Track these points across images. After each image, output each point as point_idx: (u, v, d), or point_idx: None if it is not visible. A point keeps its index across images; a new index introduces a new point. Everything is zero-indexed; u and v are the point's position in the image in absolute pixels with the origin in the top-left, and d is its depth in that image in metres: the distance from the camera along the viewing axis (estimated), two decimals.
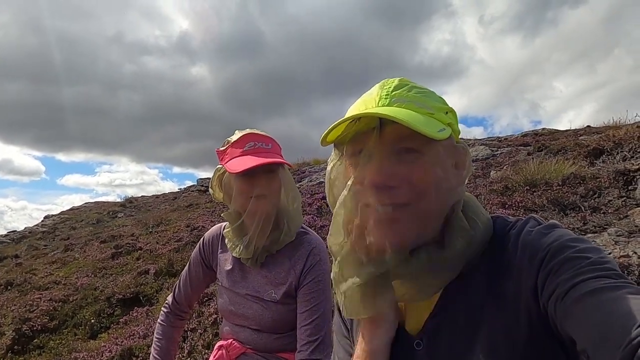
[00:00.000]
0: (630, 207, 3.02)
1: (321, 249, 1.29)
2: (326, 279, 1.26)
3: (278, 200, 1.25)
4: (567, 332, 0.50)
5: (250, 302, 1.28)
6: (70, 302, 5.39)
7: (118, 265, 6.99)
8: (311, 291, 1.22)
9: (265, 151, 1.22)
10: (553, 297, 0.52)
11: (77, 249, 9.12)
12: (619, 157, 3.76)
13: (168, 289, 5.05)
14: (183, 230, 8.33)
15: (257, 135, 1.24)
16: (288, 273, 1.26)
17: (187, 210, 11.26)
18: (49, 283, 6.51)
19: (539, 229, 0.61)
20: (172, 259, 6.05)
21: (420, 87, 0.65)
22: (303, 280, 1.24)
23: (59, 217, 14.18)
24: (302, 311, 1.22)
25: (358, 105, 0.66)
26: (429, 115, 0.61)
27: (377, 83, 0.68)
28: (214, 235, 1.42)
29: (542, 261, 0.56)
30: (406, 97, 0.62)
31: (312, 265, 1.25)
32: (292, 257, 1.28)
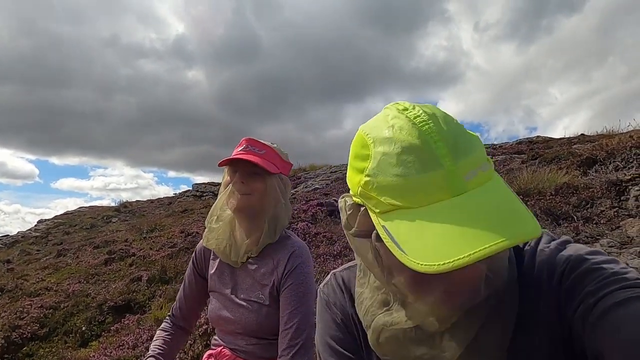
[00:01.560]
0: (622, 218, 3.03)
1: (303, 252, 1.31)
2: (308, 282, 1.27)
3: (258, 201, 1.28)
4: (595, 347, 0.48)
5: (236, 305, 1.29)
6: (61, 309, 5.33)
7: (111, 271, 6.93)
8: (292, 294, 1.23)
9: (255, 154, 1.27)
10: (579, 312, 0.50)
11: (70, 255, 9.04)
12: (611, 166, 3.78)
13: (160, 296, 5.01)
14: (177, 236, 8.29)
15: (253, 141, 1.31)
16: (271, 274, 1.28)
17: (182, 215, 11.21)
18: (41, 289, 6.45)
19: (555, 245, 0.59)
20: (165, 266, 6.00)
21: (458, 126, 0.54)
22: (284, 282, 1.25)
23: (52, 221, 14.07)
24: (283, 314, 1.22)
25: (412, 186, 0.49)
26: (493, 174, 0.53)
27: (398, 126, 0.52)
28: (205, 246, 1.43)
29: (561, 276, 0.54)
30: (468, 161, 0.49)
31: (294, 267, 1.26)
32: (274, 258, 1.30)
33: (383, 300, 0.65)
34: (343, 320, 0.75)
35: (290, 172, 1.37)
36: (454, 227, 0.45)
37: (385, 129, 0.53)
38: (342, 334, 0.75)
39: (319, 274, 3.71)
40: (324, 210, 6.55)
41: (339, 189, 8.46)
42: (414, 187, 0.48)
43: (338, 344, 0.74)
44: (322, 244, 4.78)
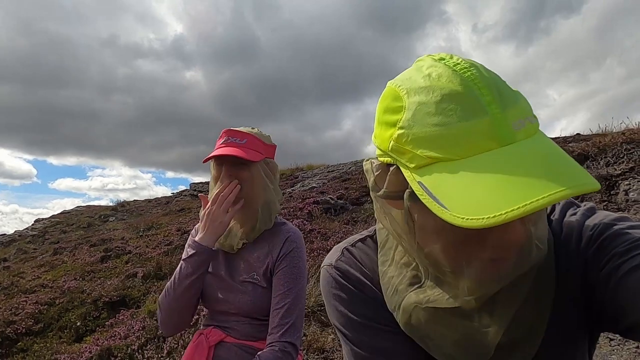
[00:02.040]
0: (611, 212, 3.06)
1: (298, 237, 1.36)
2: (301, 266, 1.31)
3: (248, 190, 1.31)
4: (617, 305, 0.48)
5: (231, 286, 1.31)
6: (56, 305, 5.34)
7: (107, 268, 6.94)
8: (285, 276, 1.27)
9: (237, 145, 1.29)
10: (605, 271, 0.50)
11: (66, 253, 9.04)
12: (602, 162, 3.81)
13: (155, 292, 5.02)
14: (174, 234, 8.31)
15: (233, 131, 1.33)
16: (265, 257, 1.31)
17: (179, 214, 11.22)
18: (36, 286, 6.45)
19: (582, 212, 0.59)
20: (160, 263, 6.02)
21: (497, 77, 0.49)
22: (279, 265, 1.29)
23: (49, 220, 14.07)
24: (275, 295, 1.26)
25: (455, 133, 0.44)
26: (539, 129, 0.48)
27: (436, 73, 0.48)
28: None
29: (590, 238, 0.54)
30: (516, 110, 0.45)
31: (288, 251, 1.30)
32: (270, 242, 1.33)
33: (413, 277, 0.59)
34: (369, 295, 0.66)
35: (275, 153, 1.39)
36: (504, 176, 0.40)
37: (421, 78, 0.48)
38: (368, 308, 0.65)
39: (312, 268, 3.73)
40: (319, 208, 6.58)
41: (336, 187, 8.49)
42: (457, 136, 0.43)
43: (366, 317, 0.65)
44: (316, 240, 4.80)
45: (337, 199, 6.74)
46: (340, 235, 4.61)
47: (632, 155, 3.56)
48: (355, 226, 5.54)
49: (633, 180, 3.23)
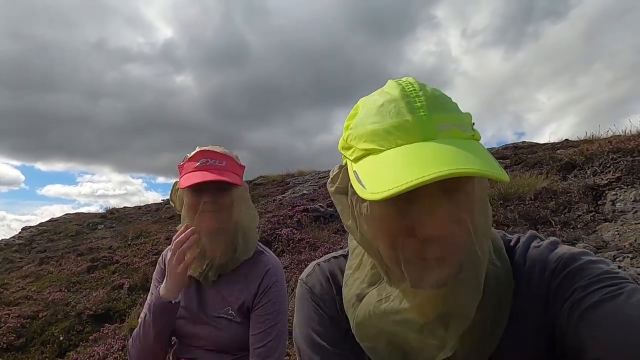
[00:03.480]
0: (598, 222, 3.04)
1: (278, 269, 1.28)
2: (282, 301, 1.24)
3: (229, 217, 1.23)
4: (578, 339, 0.49)
5: (206, 322, 1.25)
6: (39, 318, 5.22)
7: (93, 279, 6.82)
8: (266, 313, 1.20)
9: (217, 168, 1.21)
10: (567, 305, 0.51)
11: (52, 263, 8.88)
12: (589, 171, 3.80)
13: (141, 304, 4.93)
14: (162, 243, 8.19)
15: (211, 153, 1.23)
16: (242, 292, 1.24)
17: (169, 222, 11.09)
18: (20, 298, 6.31)
19: (546, 245, 0.60)
20: (147, 273, 5.92)
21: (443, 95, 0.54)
22: (259, 301, 1.22)
23: (36, 228, 13.85)
24: (256, 333, 1.19)
25: (386, 129, 0.51)
26: (471, 139, 0.51)
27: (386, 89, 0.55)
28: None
29: (553, 271, 0.55)
30: (453, 120, 0.51)
31: (268, 286, 1.23)
32: (248, 275, 1.26)
33: (373, 275, 0.63)
34: (328, 313, 0.70)
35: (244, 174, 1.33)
36: (414, 160, 0.45)
37: (377, 93, 0.57)
38: (325, 328, 0.69)
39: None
40: (309, 216, 6.52)
41: (326, 194, 8.43)
42: (386, 131, 0.50)
43: (321, 337, 0.68)
44: (304, 250, 4.75)
45: (327, 207, 6.68)
46: (329, 245, 4.55)
47: (618, 164, 3.56)
48: (344, 235, 5.50)
49: (620, 191, 3.22)
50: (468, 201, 0.52)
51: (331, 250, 4.60)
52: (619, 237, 2.79)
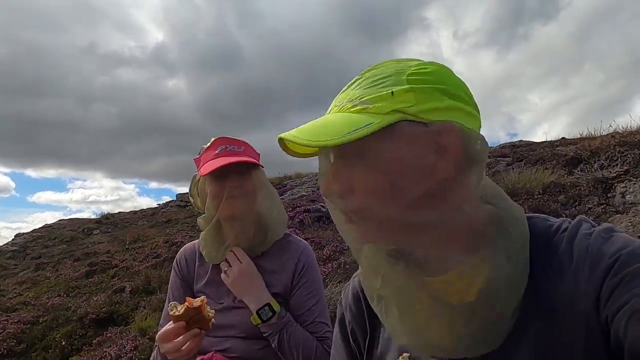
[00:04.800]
0: (610, 214, 3.04)
1: (309, 249, 1.30)
2: (319, 278, 1.27)
3: (254, 201, 1.23)
4: (635, 349, 0.44)
5: (235, 310, 1.21)
6: (39, 323, 5.12)
7: (92, 283, 6.72)
8: (308, 292, 1.21)
9: (237, 153, 1.20)
10: (624, 311, 0.47)
11: (49, 268, 8.75)
12: (596, 165, 3.81)
13: (145, 307, 4.85)
14: (161, 246, 8.10)
15: (229, 139, 1.24)
16: (277, 274, 1.22)
17: (166, 226, 10.99)
18: (18, 304, 6.21)
19: (598, 233, 0.53)
20: (149, 276, 5.84)
21: (381, 71, 0.56)
22: (297, 282, 1.22)
23: (30, 235, 13.66)
24: (300, 312, 1.20)
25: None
26: (361, 112, 0.53)
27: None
28: (189, 251, 1.35)
29: (609, 269, 0.49)
30: (350, 96, 0.56)
31: (305, 266, 1.24)
32: (281, 257, 1.25)
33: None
34: (351, 312, 0.74)
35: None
36: (301, 128, 0.56)
37: None
38: (345, 330, 0.75)
39: None
40: (311, 217, 6.49)
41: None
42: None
43: (341, 339, 0.76)
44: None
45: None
46: (335, 244, 4.52)
47: (625, 157, 3.58)
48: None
49: (629, 183, 3.23)
50: (360, 161, 0.55)
51: (338, 250, 4.56)
52: (633, 228, 2.80)
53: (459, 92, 0.55)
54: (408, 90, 0.52)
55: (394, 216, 0.53)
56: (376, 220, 0.54)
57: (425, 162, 0.52)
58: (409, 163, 0.52)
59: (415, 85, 0.52)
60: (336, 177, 0.56)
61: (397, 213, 0.53)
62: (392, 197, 0.52)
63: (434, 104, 0.52)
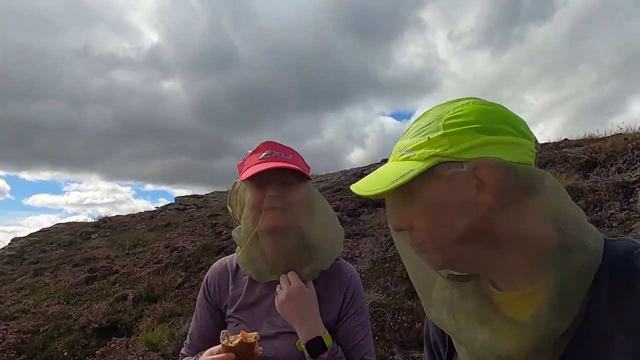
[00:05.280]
0: (634, 220, 2.96)
1: (357, 276, 1.19)
2: (366, 309, 1.18)
3: (298, 216, 1.09)
4: None
5: (275, 340, 1.09)
6: (40, 333, 5.00)
7: (93, 290, 6.59)
8: (357, 324, 1.11)
9: (284, 160, 1.07)
10: None
11: (47, 274, 8.60)
12: (614, 169, 3.73)
13: (149, 315, 4.73)
14: (162, 251, 7.98)
15: (276, 145, 1.12)
16: (327, 304, 1.10)
17: (165, 229, 10.85)
18: (17, 312, 6.07)
19: None
20: (151, 283, 5.72)
21: (425, 120, 0.63)
22: (345, 314, 1.11)
23: (27, 239, 13.48)
24: (349, 347, 1.09)
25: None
26: (406, 160, 0.62)
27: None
28: (220, 270, 1.23)
29: None
30: (400, 146, 0.65)
31: (354, 295, 1.13)
32: (329, 285, 1.13)
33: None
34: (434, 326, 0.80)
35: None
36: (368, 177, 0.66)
37: None
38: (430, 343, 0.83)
39: None
40: None
41: (329, 199, 8.31)
42: None
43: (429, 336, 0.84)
44: None
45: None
46: (345, 250, 4.42)
47: None
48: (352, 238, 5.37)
49: None
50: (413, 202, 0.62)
51: (349, 257, 4.47)
52: None
53: (496, 126, 0.58)
54: (442, 136, 0.58)
55: (449, 247, 0.59)
56: (436, 251, 0.61)
57: (466, 197, 0.57)
58: (452, 200, 0.58)
59: (449, 129, 0.58)
60: (398, 216, 0.64)
61: (451, 244, 0.59)
62: (442, 230, 0.59)
63: (467, 144, 0.57)
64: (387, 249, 4.24)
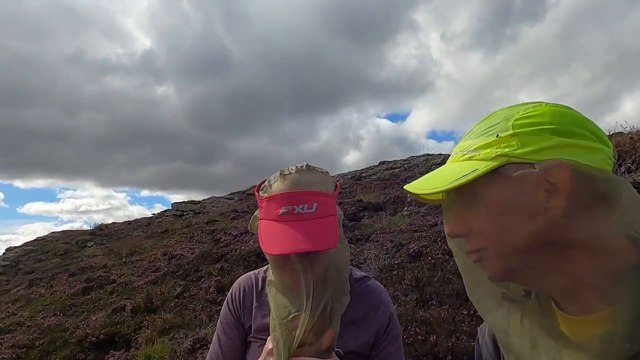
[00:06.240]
0: None
1: (388, 297, 1.12)
2: (400, 331, 1.11)
3: (320, 272, 0.95)
4: None
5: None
6: (36, 347, 4.85)
7: (89, 301, 6.44)
8: (394, 349, 1.06)
9: (307, 218, 0.92)
10: None
11: (43, 284, 8.44)
12: (623, 169, 3.66)
13: (148, 327, 4.60)
14: (160, 259, 7.84)
15: (298, 196, 0.94)
16: (360, 328, 1.04)
17: (163, 236, 10.71)
18: (12, 325, 5.91)
19: None
20: (150, 293, 5.59)
21: (491, 120, 0.60)
22: (383, 339, 1.05)
23: (22, 248, 13.29)
24: None
25: None
26: (469, 159, 0.59)
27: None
28: (245, 285, 1.12)
29: None
30: (462, 147, 0.62)
31: (390, 321, 1.07)
32: (361, 308, 1.05)
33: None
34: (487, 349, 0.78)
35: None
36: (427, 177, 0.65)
37: None
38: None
39: None
40: None
41: None
42: None
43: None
44: None
45: None
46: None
47: None
48: (357, 245, 5.27)
49: None
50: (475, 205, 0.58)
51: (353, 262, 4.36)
52: None
53: (572, 129, 0.54)
54: (512, 135, 0.55)
55: (513, 254, 0.55)
56: (498, 259, 0.57)
57: (535, 201, 0.53)
58: (519, 203, 0.54)
59: (520, 129, 0.55)
60: (455, 220, 0.61)
61: (514, 252, 0.55)
62: (506, 235, 0.55)
63: (540, 145, 0.54)
64: (394, 256, 4.14)
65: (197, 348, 3.19)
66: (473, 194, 0.57)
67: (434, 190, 0.57)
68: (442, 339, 2.48)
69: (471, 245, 0.60)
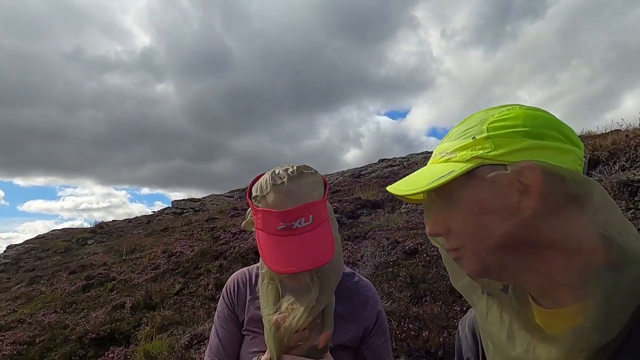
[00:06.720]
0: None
1: (376, 291, 1.15)
2: (387, 325, 1.14)
3: (325, 272, 0.99)
4: None
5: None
6: (36, 344, 4.90)
7: (90, 298, 6.49)
8: (381, 342, 1.09)
9: (305, 230, 0.94)
10: None
11: (43, 282, 8.50)
12: (617, 166, 3.68)
13: (147, 324, 4.64)
14: (160, 256, 7.89)
15: (294, 212, 0.93)
16: (350, 323, 1.06)
17: (163, 234, 10.76)
18: (13, 322, 5.96)
19: None
20: (150, 290, 5.63)
21: (468, 123, 0.63)
22: (367, 334, 1.08)
23: (22, 246, 13.34)
24: None
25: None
26: (446, 161, 0.61)
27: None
28: (240, 280, 1.15)
29: None
30: (440, 149, 0.65)
31: (379, 316, 1.10)
32: (350, 304, 1.07)
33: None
34: (467, 342, 0.81)
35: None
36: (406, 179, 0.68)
37: None
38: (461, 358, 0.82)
39: None
40: None
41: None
42: None
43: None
44: None
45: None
46: (346, 254, 4.35)
47: None
48: (354, 242, 5.30)
49: None
50: (452, 205, 0.61)
51: (344, 257, 4.40)
52: None
53: (543, 131, 0.56)
54: (487, 138, 0.57)
55: (488, 253, 0.57)
56: (474, 257, 0.59)
57: (508, 201, 0.55)
58: (493, 203, 0.56)
59: (494, 132, 0.57)
60: (435, 220, 0.63)
61: (489, 251, 0.57)
62: (481, 235, 0.57)
63: (512, 147, 0.55)
64: (389, 253, 4.18)
65: (194, 344, 3.23)
66: (451, 195, 0.59)
67: (414, 191, 0.59)
68: (434, 335, 2.53)
69: (450, 244, 0.62)
